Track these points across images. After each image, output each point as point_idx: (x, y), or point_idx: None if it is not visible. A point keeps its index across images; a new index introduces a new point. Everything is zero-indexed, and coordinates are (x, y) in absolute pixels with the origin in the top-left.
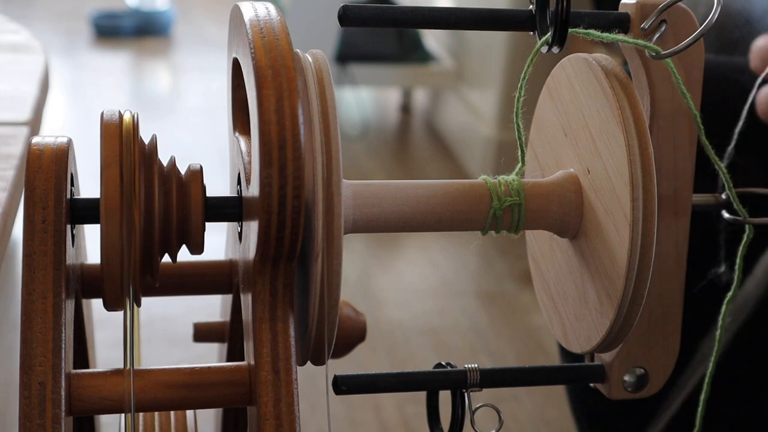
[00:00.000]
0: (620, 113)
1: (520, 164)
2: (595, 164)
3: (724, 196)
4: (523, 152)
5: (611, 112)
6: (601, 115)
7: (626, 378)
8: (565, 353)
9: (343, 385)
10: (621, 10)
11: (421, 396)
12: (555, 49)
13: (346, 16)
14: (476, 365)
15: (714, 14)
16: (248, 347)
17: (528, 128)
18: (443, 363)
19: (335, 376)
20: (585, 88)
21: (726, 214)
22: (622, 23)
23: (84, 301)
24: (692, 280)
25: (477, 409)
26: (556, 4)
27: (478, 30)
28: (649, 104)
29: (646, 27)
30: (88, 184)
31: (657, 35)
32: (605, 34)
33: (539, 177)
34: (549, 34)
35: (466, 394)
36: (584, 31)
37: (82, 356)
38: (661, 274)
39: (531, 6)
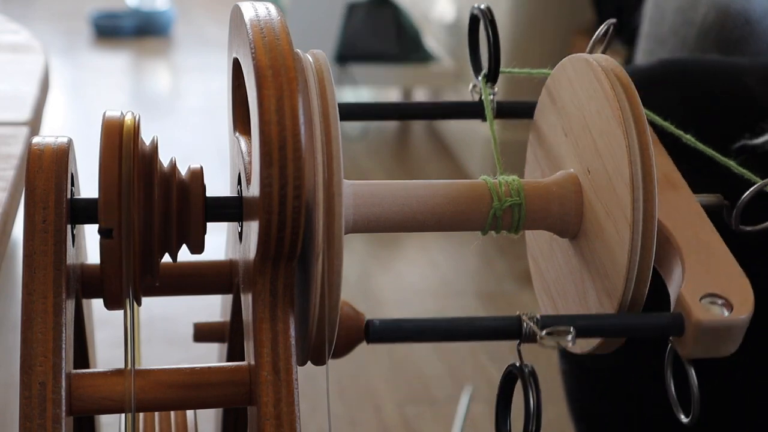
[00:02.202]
0: (620, 113)
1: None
2: (596, 164)
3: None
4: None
5: (611, 112)
6: (602, 115)
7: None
8: (563, 354)
9: (375, 333)
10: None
11: (421, 396)
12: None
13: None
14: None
15: None
16: (248, 347)
17: (525, 129)
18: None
19: (367, 321)
20: (585, 88)
21: (726, 213)
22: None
23: (84, 301)
24: None
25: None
26: (489, 52)
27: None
28: None
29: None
30: (89, 184)
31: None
32: (531, 70)
33: (539, 177)
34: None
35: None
36: (510, 70)
37: (82, 356)
38: (688, 223)
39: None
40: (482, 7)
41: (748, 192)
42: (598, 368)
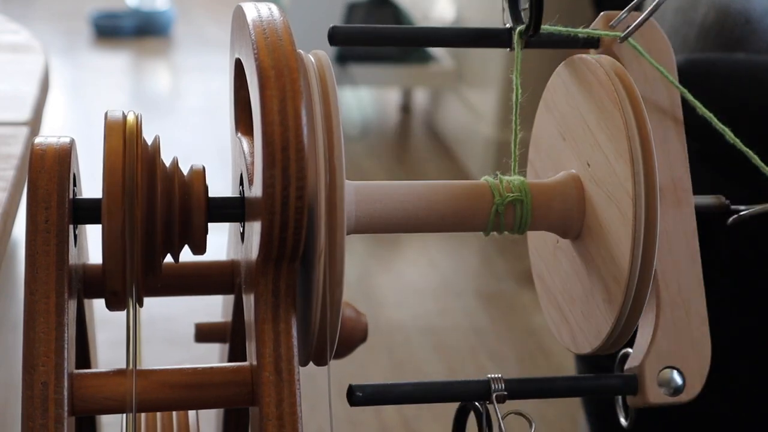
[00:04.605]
0: (616, 95)
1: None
2: (595, 154)
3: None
4: (515, 155)
5: (607, 96)
6: (598, 103)
7: (660, 381)
8: (580, 360)
9: (359, 392)
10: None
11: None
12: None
13: (334, 37)
14: (500, 375)
15: None
16: (250, 348)
17: (527, 128)
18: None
19: (350, 386)
20: (579, 85)
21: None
22: (593, 42)
23: (86, 302)
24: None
25: (507, 415)
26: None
27: (458, 47)
28: None
29: (615, 24)
30: (89, 185)
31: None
32: (574, 29)
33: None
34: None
35: (491, 406)
36: (553, 28)
37: (84, 356)
38: (678, 270)
39: (506, 24)
40: None
41: (752, 210)
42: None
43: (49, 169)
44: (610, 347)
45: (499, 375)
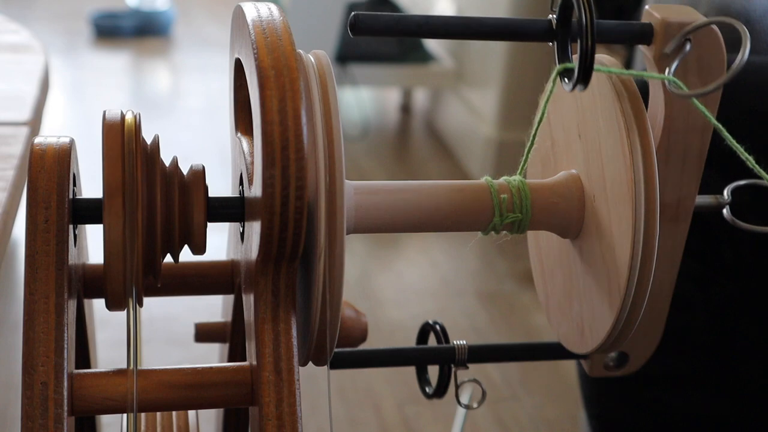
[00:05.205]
0: (621, 110)
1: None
2: (597, 164)
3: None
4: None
5: (613, 110)
6: (604, 113)
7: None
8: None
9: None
10: (645, 20)
11: (422, 396)
12: (579, 88)
13: (357, 26)
14: (464, 342)
15: (743, 54)
16: (250, 347)
17: (528, 127)
18: (430, 322)
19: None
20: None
21: (726, 213)
22: (645, 35)
23: (86, 301)
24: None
25: (462, 383)
26: (581, 42)
27: (494, 40)
28: (663, 118)
29: (669, 51)
30: (89, 185)
31: (680, 56)
32: (630, 71)
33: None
34: (573, 78)
35: (453, 370)
36: (607, 69)
37: (83, 356)
38: (656, 271)
39: (550, 16)
40: None
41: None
42: (619, 374)
43: (49, 169)
44: (610, 347)
45: (464, 342)
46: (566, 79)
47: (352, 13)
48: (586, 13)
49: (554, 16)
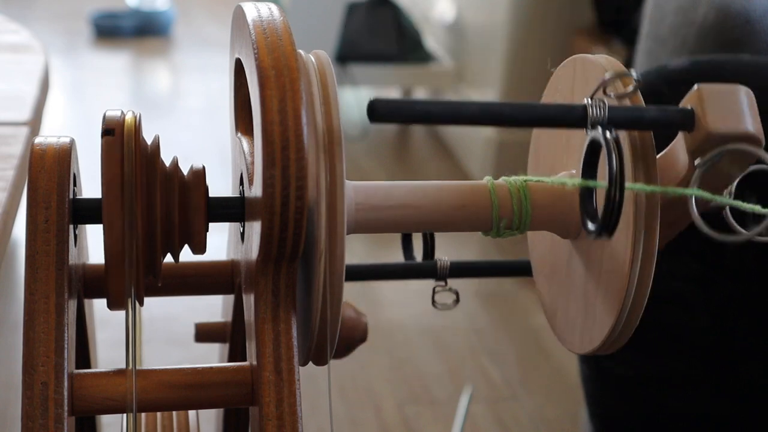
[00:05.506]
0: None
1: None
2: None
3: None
4: None
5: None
6: None
7: None
8: (582, 361)
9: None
10: (685, 104)
11: (421, 396)
12: (603, 238)
13: (375, 112)
14: (447, 258)
15: None
16: (250, 348)
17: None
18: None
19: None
20: (585, 84)
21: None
22: (686, 122)
23: (86, 301)
24: None
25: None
26: (609, 190)
27: (526, 127)
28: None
29: (703, 167)
30: (89, 185)
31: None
32: (653, 187)
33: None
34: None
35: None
36: (641, 186)
37: (83, 356)
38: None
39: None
40: (609, 135)
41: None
42: (621, 375)
43: (49, 169)
44: (610, 347)
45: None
46: (589, 222)
47: (371, 100)
48: (616, 159)
49: (588, 100)
